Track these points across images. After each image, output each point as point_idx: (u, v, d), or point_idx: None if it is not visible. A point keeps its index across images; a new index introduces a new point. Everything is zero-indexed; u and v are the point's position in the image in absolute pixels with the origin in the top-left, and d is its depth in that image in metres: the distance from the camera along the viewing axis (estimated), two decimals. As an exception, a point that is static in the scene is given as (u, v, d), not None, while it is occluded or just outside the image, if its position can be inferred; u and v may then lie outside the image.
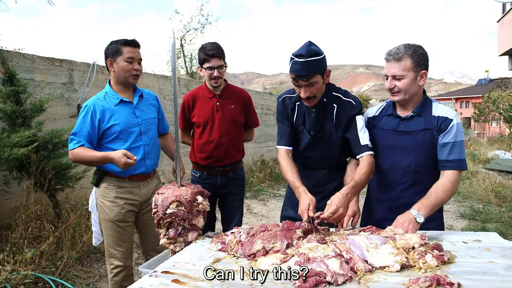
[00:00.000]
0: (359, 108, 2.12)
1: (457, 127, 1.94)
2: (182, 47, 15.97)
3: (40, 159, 3.93)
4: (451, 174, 1.93)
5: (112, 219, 2.43)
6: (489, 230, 4.99)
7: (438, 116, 1.96)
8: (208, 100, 2.86)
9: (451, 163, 1.94)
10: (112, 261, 2.48)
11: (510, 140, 17.54)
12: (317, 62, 1.94)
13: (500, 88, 25.42)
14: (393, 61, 1.95)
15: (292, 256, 1.51)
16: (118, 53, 2.35)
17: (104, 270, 3.71)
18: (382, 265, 1.47)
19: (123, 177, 2.43)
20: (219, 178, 2.92)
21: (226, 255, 1.71)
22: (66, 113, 5.12)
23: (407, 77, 1.94)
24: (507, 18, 9.20)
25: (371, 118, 2.20)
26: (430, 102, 2.03)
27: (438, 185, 1.91)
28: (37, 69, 4.74)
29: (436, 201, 1.86)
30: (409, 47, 1.94)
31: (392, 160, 2.07)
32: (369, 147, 2.05)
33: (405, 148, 2.02)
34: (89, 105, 2.36)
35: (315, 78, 1.97)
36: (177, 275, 1.53)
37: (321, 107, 2.15)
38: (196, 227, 2.03)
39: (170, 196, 1.97)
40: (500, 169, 9.98)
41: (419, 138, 1.99)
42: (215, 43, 2.78)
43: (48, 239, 3.65)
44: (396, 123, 2.06)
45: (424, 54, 1.95)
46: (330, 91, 2.16)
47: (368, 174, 2.00)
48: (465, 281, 1.33)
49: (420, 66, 1.94)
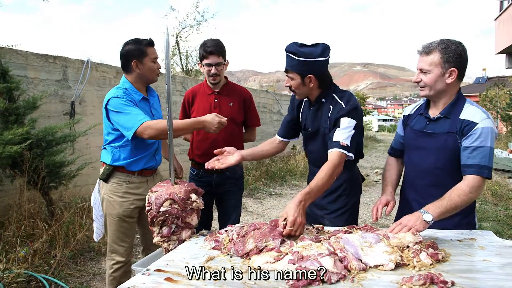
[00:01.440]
0: (346, 110, 2.05)
1: (482, 131, 1.82)
2: (177, 44, 15.89)
3: (34, 157, 3.89)
4: (470, 179, 1.82)
5: (120, 214, 2.46)
6: (485, 228, 4.99)
7: (464, 119, 1.87)
8: (207, 96, 2.87)
9: (470, 168, 1.84)
10: (113, 256, 2.51)
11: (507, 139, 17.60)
12: (294, 60, 2.03)
13: (497, 86, 25.51)
14: (422, 54, 1.92)
15: (286, 255, 1.50)
16: (144, 54, 2.42)
17: (98, 268, 3.69)
18: (376, 263, 1.47)
19: (133, 172, 2.48)
20: (215, 177, 2.90)
21: (219, 254, 1.70)
22: (60, 111, 5.08)
23: (433, 72, 1.89)
24: (504, 16, 9.23)
25: (406, 117, 2.19)
26: (462, 103, 1.93)
27: (455, 188, 1.82)
28: (31, 66, 4.69)
29: (449, 204, 1.76)
30: (443, 42, 1.89)
31: (416, 160, 2.06)
32: (340, 144, 1.97)
33: (427, 150, 1.99)
34: (120, 95, 2.38)
35: (291, 74, 2.09)
36: (170, 273, 1.51)
37: (319, 106, 2.18)
38: (190, 225, 2.01)
39: (164, 194, 1.95)
40: (497, 168, 9.97)
41: (441, 141, 1.93)
42: (216, 40, 2.77)
43: (42, 237, 3.62)
44: (424, 124, 2.03)
45: (458, 51, 1.86)
46: (330, 92, 2.15)
47: (329, 174, 1.90)
48: (459, 280, 1.33)
49: (449, 62, 1.86)
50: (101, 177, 2.51)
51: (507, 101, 21.75)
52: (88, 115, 5.47)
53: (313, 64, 2.03)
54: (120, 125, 2.33)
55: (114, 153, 2.46)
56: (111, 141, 2.46)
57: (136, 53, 2.42)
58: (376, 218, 1.96)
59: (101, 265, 3.77)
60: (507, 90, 23.33)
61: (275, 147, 2.46)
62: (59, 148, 4.24)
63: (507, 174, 9.54)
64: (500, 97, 24.03)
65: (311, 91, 2.15)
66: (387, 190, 2.11)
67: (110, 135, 2.47)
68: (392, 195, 2.08)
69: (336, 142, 2.00)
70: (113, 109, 2.35)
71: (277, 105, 11.94)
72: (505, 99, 22.87)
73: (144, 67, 2.44)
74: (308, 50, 2.02)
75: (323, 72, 2.10)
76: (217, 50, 2.72)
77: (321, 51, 2.03)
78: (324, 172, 1.91)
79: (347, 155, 1.98)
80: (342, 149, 1.97)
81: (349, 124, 2.02)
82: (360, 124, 2.18)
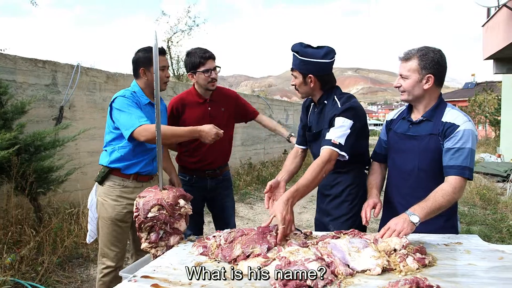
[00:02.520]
0: (341, 110, 2.08)
1: (463, 133, 1.87)
2: (169, 49, 15.87)
3: (21, 162, 3.84)
4: (452, 180, 1.86)
5: (112, 217, 2.45)
6: (473, 232, 5.05)
7: (446, 121, 1.93)
8: (199, 105, 2.82)
9: (452, 169, 1.88)
10: (104, 260, 2.49)
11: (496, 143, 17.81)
12: (297, 59, 2.13)
13: (485, 91, 25.86)
14: (403, 60, 2.00)
15: (273, 260, 1.50)
16: (151, 62, 2.34)
17: (86, 275, 3.65)
18: (363, 268, 1.47)
19: (128, 176, 2.47)
20: (209, 181, 2.90)
21: (207, 259, 1.69)
22: (49, 115, 5.03)
23: (411, 78, 1.96)
24: (491, 22, 9.38)
25: (389, 122, 2.23)
26: (443, 107, 1.99)
27: (438, 189, 1.85)
28: (19, 70, 4.65)
29: (434, 205, 1.79)
30: (422, 49, 1.95)
31: (399, 163, 2.09)
32: (332, 142, 1.98)
33: (410, 152, 2.03)
34: (127, 95, 2.40)
35: (295, 73, 2.19)
36: (157, 279, 1.50)
37: (322, 108, 2.24)
38: (178, 231, 2.01)
39: (152, 200, 1.95)
40: (486, 172, 10.07)
41: (424, 142, 1.98)
42: (204, 48, 2.78)
43: (29, 244, 3.57)
44: (406, 127, 2.08)
45: (436, 58, 1.92)
46: (332, 94, 2.20)
47: (317, 171, 1.91)
48: (444, 284, 1.34)
49: (426, 69, 1.93)
50: (96, 179, 2.52)
51: (495, 106, 22.08)
52: (78, 120, 5.43)
53: (313, 65, 2.11)
54: (120, 123, 2.35)
55: (112, 154, 2.46)
56: (111, 140, 2.47)
57: (144, 60, 2.45)
58: (367, 221, 1.97)
59: (89, 271, 3.73)
60: (495, 95, 23.69)
61: (300, 156, 2.49)
62: (48, 153, 4.20)
63: (496, 178, 9.65)
64: (489, 102, 24.38)
65: (313, 91, 2.23)
66: (372, 193, 2.12)
67: (110, 134, 2.48)
68: (378, 198, 2.09)
69: (327, 140, 2.02)
70: (117, 107, 2.37)
71: (268, 110, 11.97)
72: (493, 104, 23.21)
73: (151, 75, 2.41)
74: (312, 51, 2.11)
75: (324, 74, 2.17)
76: (212, 55, 2.74)
77: (324, 53, 2.10)
78: (312, 169, 1.92)
79: (338, 153, 1.98)
80: (333, 147, 1.97)
81: (343, 123, 2.03)
82: (362, 127, 2.17)
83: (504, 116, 14.32)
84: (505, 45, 8.20)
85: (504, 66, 10.17)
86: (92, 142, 5.68)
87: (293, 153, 2.50)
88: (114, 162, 2.47)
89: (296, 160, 2.46)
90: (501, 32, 8.47)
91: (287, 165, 2.42)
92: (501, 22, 8.47)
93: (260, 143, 11.38)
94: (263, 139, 11.62)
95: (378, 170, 2.26)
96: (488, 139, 23.49)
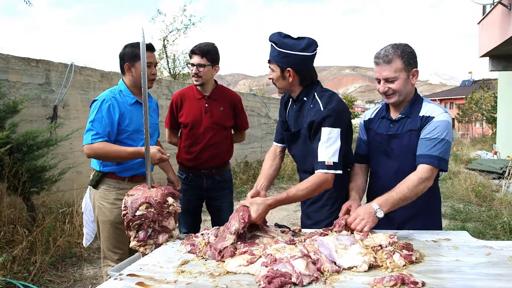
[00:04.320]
0: (324, 116, 1.91)
1: (437, 124, 1.88)
2: (164, 48, 15.83)
3: (14, 162, 3.83)
4: (420, 169, 1.84)
5: (112, 221, 2.41)
6: (468, 229, 5.03)
7: (423, 115, 1.94)
8: (197, 101, 2.83)
9: (422, 158, 1.87)
10: (108, 262, 2.47)
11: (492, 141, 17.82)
12: (275, 51, 1.96)
13: (482, 89, 25.86)
14: (383, 64, 1.92)
15: (260, 257, 1.49)
16: (137, 58, 2.34)
17: (79, 274, 3.63)
18: (350, 265, 1.46)
19: (123, 178, 2.43)
20: (205, 181, 2.88)
21: (194, 257, 1.68)
22: (43, 115, 5.01)
23: (400, 78, 1.92)
24: (487, 20, 9.38)
25: (367, 121, 2.19)
26: (420, 102, 1.99)
27: (405, 180, 1.84)
28: (12, 70, 4.63)
29: (399, 196, 1.79)
30: (397, 47, 1.92)
31: (384, 164, 2.06)
32: (326, 164, 1.86)
33: (394, 152, 2.01)
34: (107, 99, 2.35)
35: (272, 65, 2.02)
36: (143, 277, 1.49)
37: (301, 105, 2.08)
38: (167, 229, 1.99)
39: (140, 198, 1.93)
40: (481, 169, 10.10)
41: (406, 140, 1.96)
42: (207, 43, 2.77)
43: (21, 243, 3.56)
44: (387, 126, 2.05)
45: (413, 52, 1.94)
46: (313, 91, 2.05)
47: (310, 191, 1.87)
48: (430, 280, 1.33)
49: (411, 65, 1.93)
50: (90, 183, 2.47)
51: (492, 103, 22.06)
52: (72, 119, 5.41)
53: (293, 57, 1.93)
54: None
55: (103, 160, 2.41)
56: None
57: (129, 56, 2.39)
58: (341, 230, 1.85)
59: (82, 271, 3.72)
60: (492, 92, 23.68)
61: (278, 156, 2.31)
62: (41, 152, 4.18)
63: (491, 175, 9.65)
64: (485, 99, 24.37)
65: (291, 86, 2.05)
66: (352, 195, 2.06)
67: None
68: (357, 201, 2.01)
69: (321, 163, 1.88)
70: (90, 111, 2.35)
71: (265, 108, 11.96)
72: (490, 102, 23.20)
73: (136, 71, 2.38)
74: (291, 42, 1.94)
75: (304, 68, 1.99)
76: (200, 51, 2.71)
77: (305, 45, 1.93)
78: (306, 186, 1.86)
79: (335, 173, 1.89)
80: (328, 170, 1.86)
81: (330, 134, 1.89)
82: (347, 129, 2.04)
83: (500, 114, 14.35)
84: (500, 42, 8.21)
85: (500, 64, 10.18)
86: (86, 141, 5.66)
87: (271, 153, 2.31)
88: (106, 166, 2.42)
89: (276, 162, 2.28)
90: (496, 29, 8.48)
91: (266, 169, 2.23)
92: (496, 19, 8.48)
93: (257, 141, 11.37)
94: (260, 138, 11.61)
95: (360, 172, 2.18)
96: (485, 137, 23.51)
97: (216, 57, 2.80)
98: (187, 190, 2.85)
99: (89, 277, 3.60)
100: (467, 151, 15.01)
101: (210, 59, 2.75)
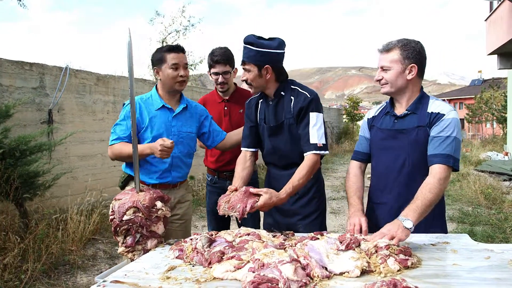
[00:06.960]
0: (311, 100, 2.10)
1: (449, 122, 1.84)
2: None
3: (6, 167, 3.77)
4: (437, 170, 1.79)
5: None
6: (477, 233, 4.90)
7: (432, 112, 1.89)
8: (217, 104, 2.90)
9: (436, 158, 1.81)
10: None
11: (503, 141, 17.33)
12: (252, 51, 2.06)
13: (492, 88, 25.36)
14: (383, 52, 1.95)
15: (247, 262, 1.43)
16: (163, 61, 2.30)
17: (72, 282, 3.56)
18: (342, 270, 1.41)
19: (147, 185, 2.31)
20: (229, 183, 2.84)
21: (182, 263, 1.63)
22: (37, 119, 4.95)
23: (393, 69, 1.90)
24: (494, 16, 9.25)
25: (371, 119, 2.14)
26: (426, 99, 1.96)
27: (424, 185, 1.78)
28: (5, 73, 4.58)
29: (424, 203, 1.71)
30: (402, 40, 1.92)
31: (388, 161, 1.99)
32: (318, 146, 2.05)
33: (399, 147, 1.95)
34: (138, 101, 2.35)
35: (248, 66, 2.10)
36: (127, 284, 1.44)
37: (279, 99, 2.20)
38: (155, 234, 1.94)
39: (127, 202, 1.88)
40: (492, 171, 9.74)
41: (413, 135, 1.91)
42: (224, 49, 2.79)
43: (13, 251, 3.49)
44: (392, 122, 2.00)
45: (417, 48, 1.90)
46: (289, 85, 2.21)
47: (309, 174, 2.03)
48: (424, 285, 1.28)
49: (409, 59, 1.89)
50: (118, 185, 2.48)
51: (502, 102, 21.49)
52: (67, 123, 5.36)
53: (270, 55, 2.08)
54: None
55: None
56: None
57: (156, 60, 2.35)
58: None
59: (76, 279, 3.64)
60: (502, 92, 23.10)
61: (249, 160, 2.30)
62: (34, 157, 4.12)
63: (502, 176, 9.22)
64: (495, 99, 23.82)
65: (267, 84, 2.16)
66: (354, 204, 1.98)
67: None
68: (362, 212, 1.94)
69: (313, 145, 2.05)
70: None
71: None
72: (500, 101, 22.66)
73: (163, 74, 2.32)
74: (266, 42, 2.10)
75: (279, 65, 2.15)
76: (223, 59, 2.74)
77: (277, 44, 2.11)
78: (305, 171, 2.00)
79: (324, 154, 2.08)
80: (319, 150, 2.05)
81: (317, 118, 2.09)
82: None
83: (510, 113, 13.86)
84: (508, 39, 8.05)
85: (509, 61, 10.01)
86: (82, 146, 5.60)
87: (241, 158, 2.29)
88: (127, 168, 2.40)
89: (247, 165, 2.27)
90: (504, 26, 8.33)
91: (239, 172, 2.22)
92: (504, 16, 8.35)
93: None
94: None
95: (358, 172, 2.13)
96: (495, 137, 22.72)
97: (234, 60, 2.84)
98: (213, 192, 2.94)
99: (82, 285, 3.53)
100: (476, 152, 14.26)
101: (232, 65, 2.80)
